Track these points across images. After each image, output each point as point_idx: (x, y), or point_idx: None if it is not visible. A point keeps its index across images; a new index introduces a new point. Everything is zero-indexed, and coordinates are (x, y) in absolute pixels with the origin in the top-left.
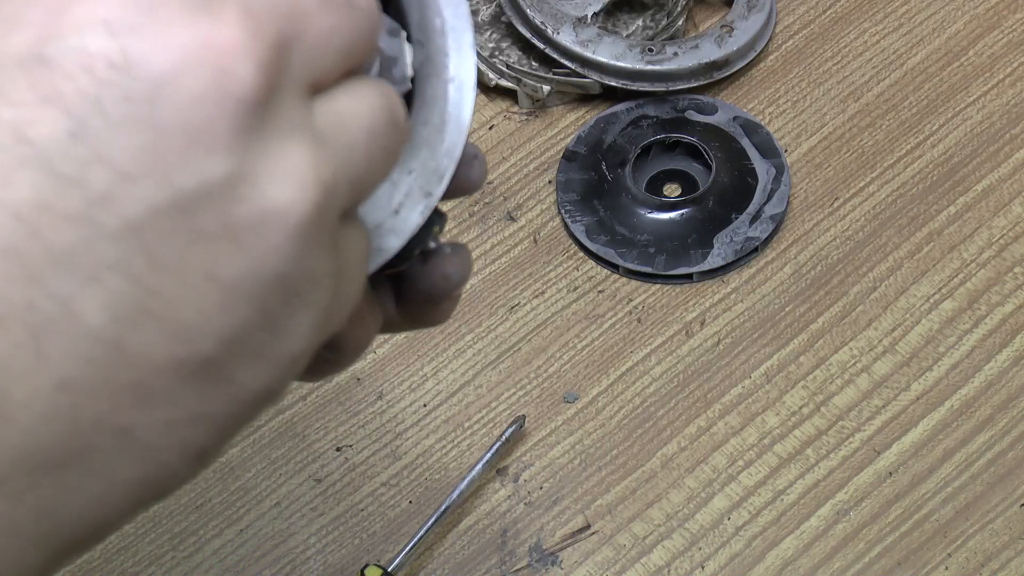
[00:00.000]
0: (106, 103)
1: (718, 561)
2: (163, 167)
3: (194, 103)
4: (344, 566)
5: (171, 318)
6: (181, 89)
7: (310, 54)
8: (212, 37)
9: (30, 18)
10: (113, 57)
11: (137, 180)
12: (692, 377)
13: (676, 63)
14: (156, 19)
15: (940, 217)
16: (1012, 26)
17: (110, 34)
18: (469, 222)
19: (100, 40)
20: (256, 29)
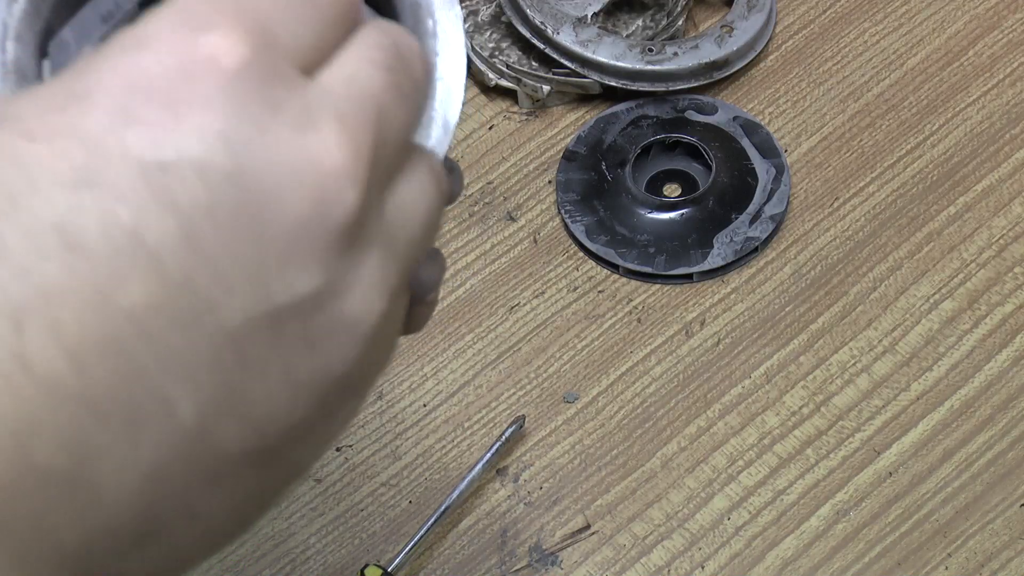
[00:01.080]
0: (218, 213)
1: (718, 561)
2: (263, 280)
3: (298, 222)
4: (344, 566)
5: (248, 414)
6: (287, 207)
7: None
8: (317, 156)
9: (149, 117)
10: (229, 168)
11: (239, 290)
12: (692, 377)
13: (676, 63)
14: (267, 132)
15: (940, 217)
16: (1012, 26)
17: (226, 145)
18: (469, 222)
19: (217, 150)
20: (354, 146)
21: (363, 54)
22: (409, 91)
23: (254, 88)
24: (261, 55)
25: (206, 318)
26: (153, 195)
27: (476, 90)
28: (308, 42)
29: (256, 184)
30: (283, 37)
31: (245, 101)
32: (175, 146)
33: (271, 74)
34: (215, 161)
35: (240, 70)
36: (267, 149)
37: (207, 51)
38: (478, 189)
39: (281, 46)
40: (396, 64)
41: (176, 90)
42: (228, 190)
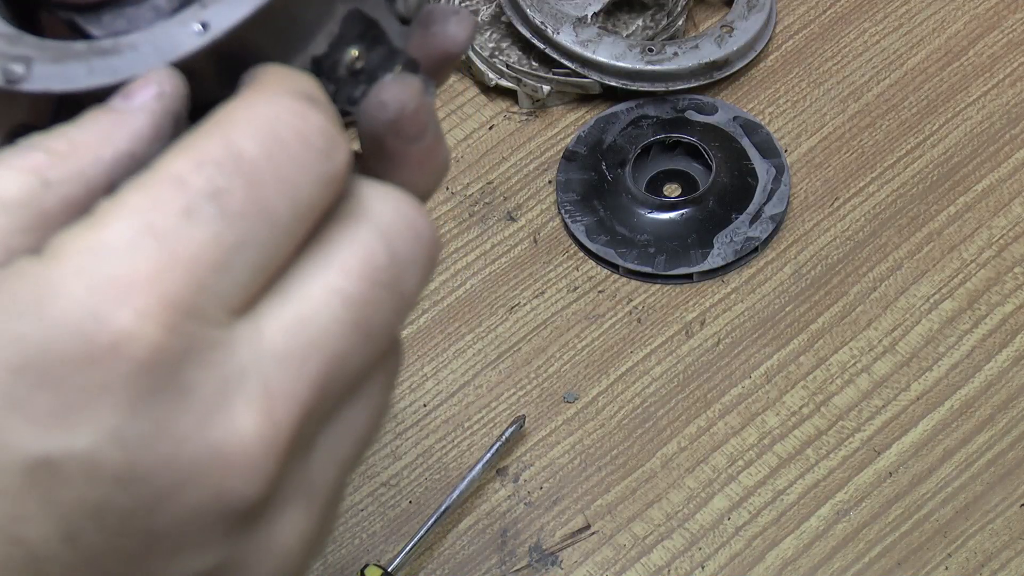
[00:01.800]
0: (104, 514)
1: (718, 561)
2: (149, 569)
3: (192, 515)
4: (344, 566)
5: None
6: (180, 503)
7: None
8: (222, 445)
9: (39, 406)
10: (120, 471)
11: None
12: (692, 377)
13: (676, 63)
14: (168, 425)
15: (940, 217)
16: (1012, 26)
17: (119, 445)
18: (469, 222)
19: (109, 450)
20: (271, 424)
21: (330, 283)
22: (386, 315)
23: (161, 377)
24: (177, 334)
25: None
26: (35, 493)
27: (476, 90)
28: (253, 276)
29: (148, 484)
30: (218, 284)
31: (149, 393)
32: (63, 442)
33: (187, 354)
34: (105, 462)
35: (148, 358)
36: (165, 445)
37: (113, 336)
38: (478, 189)
39: (213, 300)
40: (375, 292)
41: (73, 376)
42: (117, 492)
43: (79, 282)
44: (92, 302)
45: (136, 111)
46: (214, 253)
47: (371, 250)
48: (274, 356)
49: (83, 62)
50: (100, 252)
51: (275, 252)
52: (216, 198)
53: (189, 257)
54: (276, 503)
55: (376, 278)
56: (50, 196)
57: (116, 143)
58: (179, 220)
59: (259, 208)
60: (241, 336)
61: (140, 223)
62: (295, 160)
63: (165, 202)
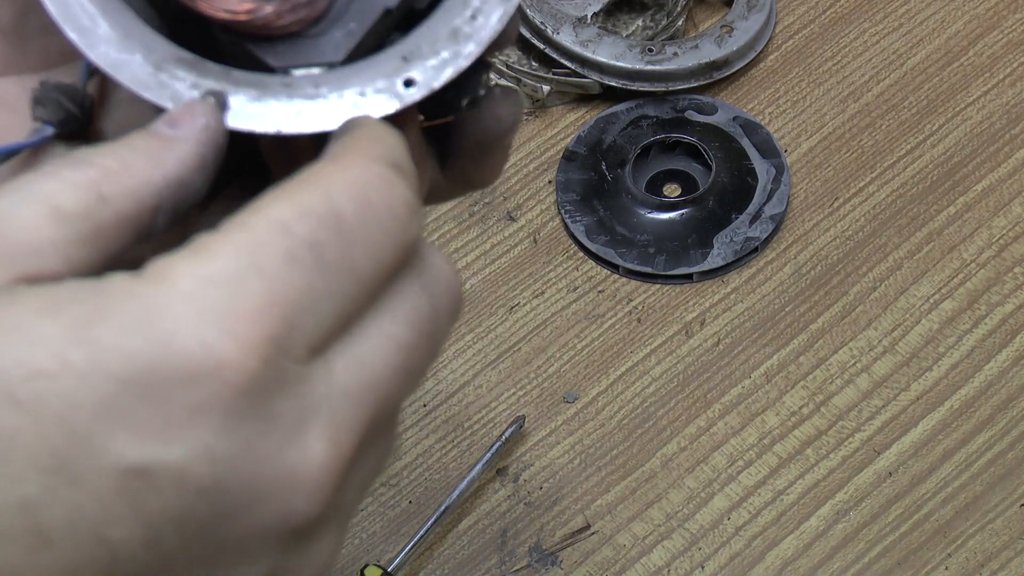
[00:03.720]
0: (185, 525)
1: (718, 561)
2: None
3: (259, 528)
4: (344, 566)
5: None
6: (251, 517)
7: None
8: (295, 468)
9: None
10: (205, 484)
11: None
12: (692, 377)
13: (676, 63)
14: (254, 448)
15: (940, 217)
16: (1012, 26)
17: (210, 461)
18: (469, 222)
19: (199, 464)
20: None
21: (386, 330)
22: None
23: (254, 403)
24: (271, 366)
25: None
26: (125, 498)
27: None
28: (332, 321)
29: (228, 498)
30: (306, 326)
31: (241, 417)
32: (159, 454)
33: (276, 384)
34: (195, 475)
35: (245, 384)
36: (249, 464)
37: (217, 362)
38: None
39: (300, 339)
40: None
41: (175, 394)
42: (201, 505)
43: (189, 308)
44: (201, 329)
45: (183, 140)
46: (307, 298)
47: (420, 304)
48: (342, 393)
49: (287, 103)
50: (209, 283)
51: (354, 303)
52: (315, 249)
53: (287, 299)
54: (322, 523)
55: (422, 328)
56: (106, 211)
57: (167, 168)
58: (283, 263)
59: (348, 264)
60: (318, 374)
61: (248, 261)
62: (382, 226)
63: (271, 244)
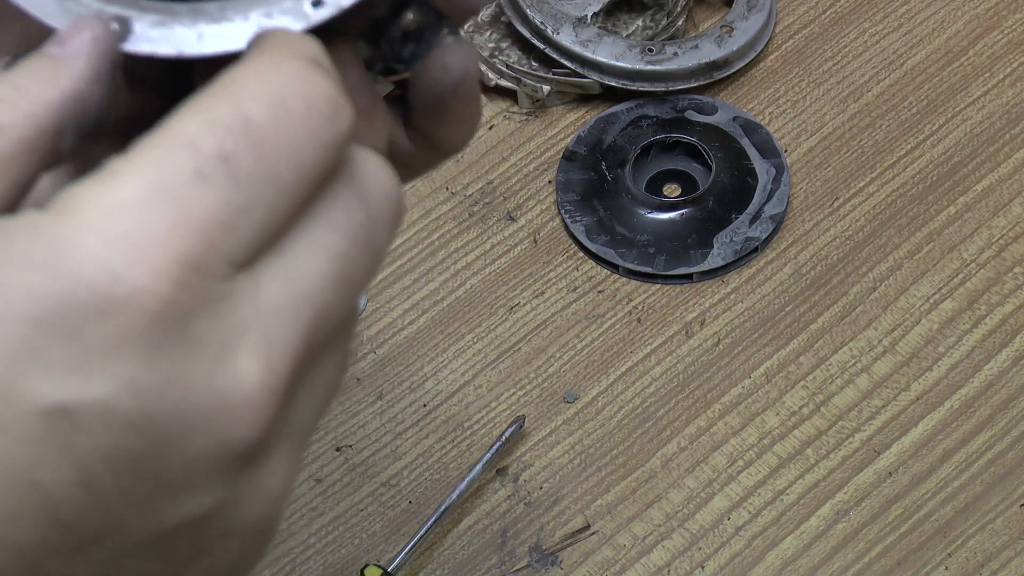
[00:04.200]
0: (117, 459)
1: (718, 561)
2: (155, 511)
3: (198, 456)
4: (344, 566)
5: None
6: (188, 447)
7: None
8: (227, 390)
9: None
10: (134, 417)
11: (130, 522)
12: (692, 377)
13: (676, 63)
14: (179, 374)
15: (940, 217)
16: (1012, 26)
17: (134, 393)
18: (469, 222)
19: (124, 398)
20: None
21: (319, 240)
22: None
23: (173, 328)
24: (187, 289)
25: (93, 549)
26: (52, 439)
27: None
28: (255, 235)
29: (160, 430)
30: (224, 243)
31: (162, 344)
32: (80, 391)
33: (196, 307)
34: (121, 409)
35: (161, 310)
36: (176, 393)
37: (128, 290)
38: (478, 189)
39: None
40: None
41: (89, 328)
42: (131, 438)
43: (96, 239)
44: (109, 258)
45: (74, 56)
46: (222, 214)
47: (354, 211)
48: (271, 308)
49: (190, 27)
50: (115, 210)
51: (278, 213)
52: (226, 161)
53: (199, 217)
54: (269, 447)
55: (357, 236)
56: (5, 139)
57: (60, 86)
58: (191, 181)
59: (266, 172)
60: (243, 290)
61: (154, 183)
62: (301, 126)
63: (177, 163)
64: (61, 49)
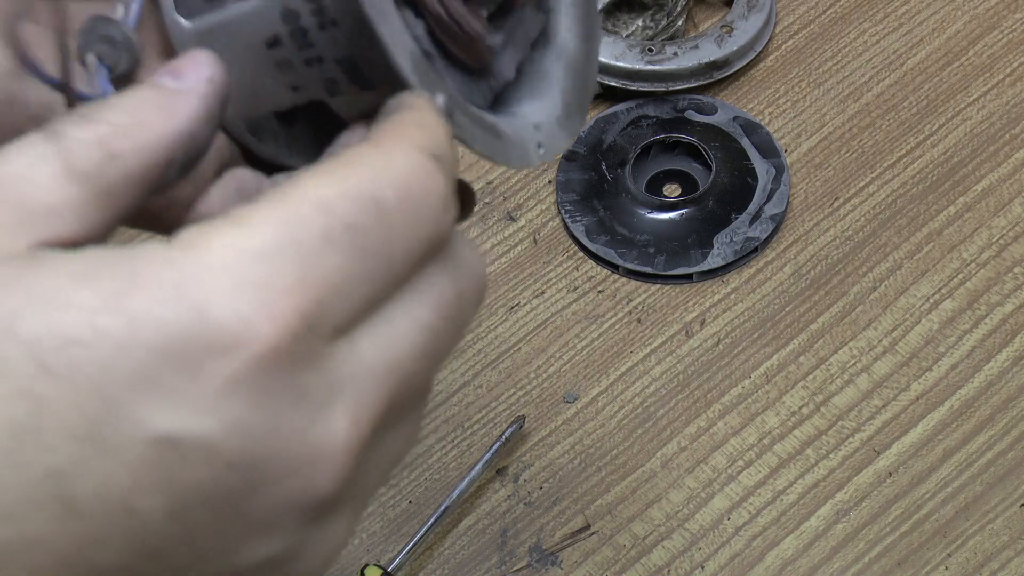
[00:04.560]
0: (212, 496)
1: (718, 561)
2: (234, 550)
3: (281, 503)
4: (344, 566)
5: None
6: (275, 491)
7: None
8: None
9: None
10: (234, 458)
11: (209, 558)
12: (692, 377)
13: (676, 63)
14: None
15: (940, 217)
16: (1012, 26)
17: (240, 434)
18: (469, 222)
19: (230, 437)
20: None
21: (413, 314)
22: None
23: (283, 378)
24: (302, 341)
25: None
26: (155, 469)
27: None
28: (362, 303)
29: (257, 474)
30: (336, 305)
31: (271, 391)
32: (190, 425)
33: (305, 361)
34: (225, 448)
35: (275, 358)
36: (277, 439)
37: (250, 333)
38: (478, 189)
39: (330, 318)
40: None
41: (208, 365)
42: (228, 477)
43: (225, 279)
44: (236, 299)
45: (189, 93)
46: (340, 279)
47: (446, 289)
48: (366, 371)
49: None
50: (246, 254)
51: (384, 287)
52: (353, 231)
53: (321, 278)
54: (340, 502)
55: (446, 313)
56: (118, 169)
57: (176, 121)
58: (320, 242)
59: (383, 249)
60: (344, 352)
61: (286, 236)
62: (419, 215)
63: (310, 222)
64: (177, 83)
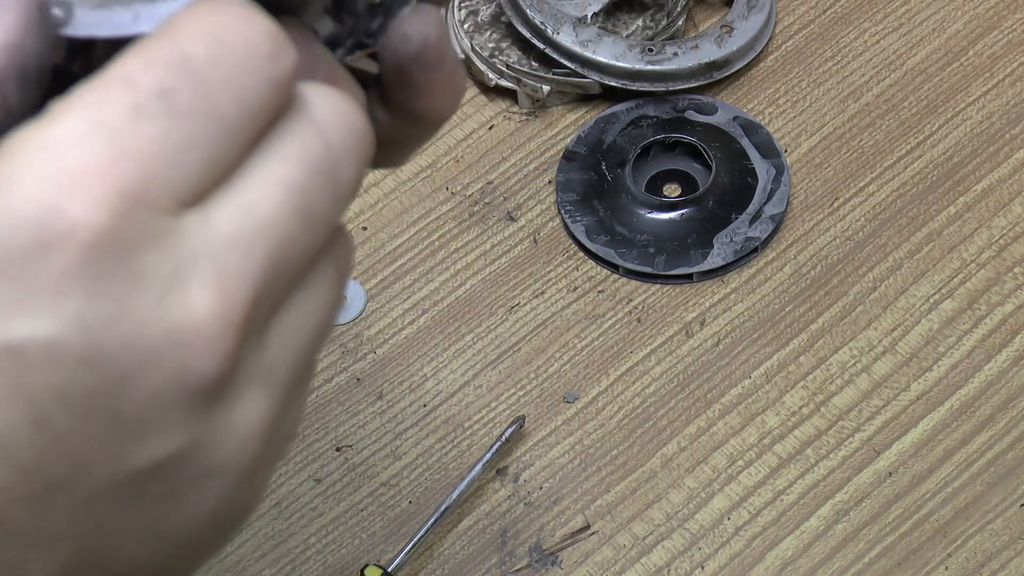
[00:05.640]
0: (70, 397)
1: (718, 561)
2: (118, 452)
3: (156, 392)
4: (344, 566)
5: (110, 568)
6: (144, 382)
7: (285, 283)
8: (179, 322)
9: (2, 296)
10: (83, 354)
11: (92, 465)
12: (692, 377)
13: (676, 63)
14: (126, 306)
15: (940, 217)
16: (1012, 26)
17: (81, 328)
18: (469, 222)
19: (71, 333)
20: (225, 302)
21: (273, 172)
22: (324, 202)
23: (116, 260)
24: (127, 220)
25: (58, 495)
26: (2, 380)
27: (476, 90)
28: (200, 169)
29: (112, 365)
30: (166, 176)
31: (105, 276)
32: (26, 328)
33: (140, 239)
34: (68, 345)
35: (100, 242)
36: (125, 326)
37: (65, 223)
38: (478, 189)
39: (161, 190)
40: (314, 179)
41: (31, 264)
42: (82, 374)
43: (33, 175)
44: (46, 192)
45: (2, 8)
46: (162, 148)
47: (309, 142)
48: (225, 241)
49: (128, 8)
50: (52, 146)
51: (223, 148)
52: (165, 97)
53: (138, 151)
54: (235, 385)
55: (314, 167)
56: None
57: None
58: (129, 116)
59: (207, 108)
60: (192, 224)
61: (91, 119)
62: (241, 63)
63: (116, 100)
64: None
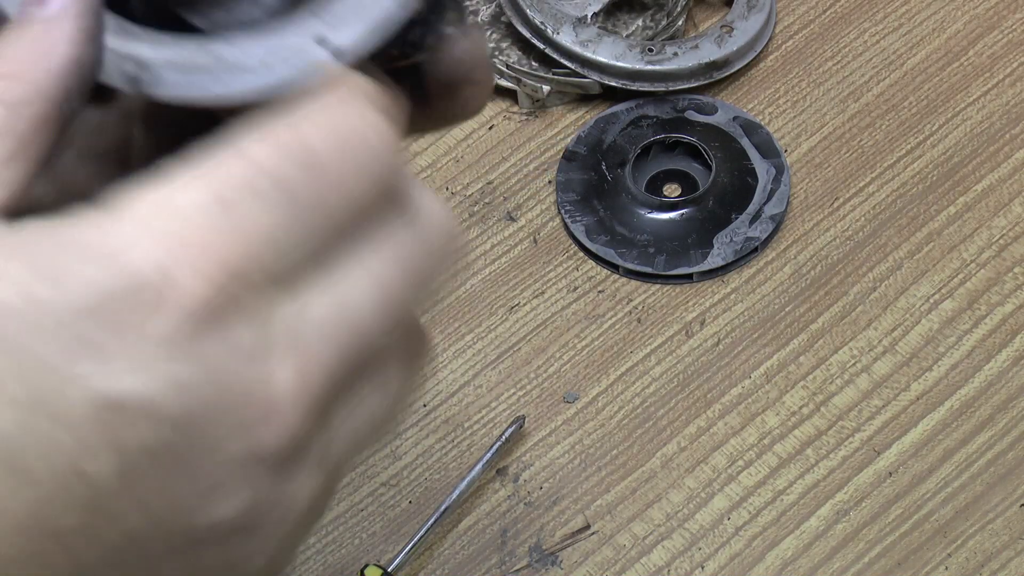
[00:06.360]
0: (159, 454)
1: (718, 561)
2: (189, 510)
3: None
4: (344, 566)
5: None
6: (223, 446)
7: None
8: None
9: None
10: (176, 414)
11: (163, 520)
12: (692, 377)
13: (676, 63)
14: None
15: (940, 217)
16: (1012, 26)
17: (179, 390)
18: (469, 222)
19: (170, 395)
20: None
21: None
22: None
23: (216, 330)
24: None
25: (127, 544)
26: (99, 430)
27: None
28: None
29: (199, 426)
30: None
31: (204, 344)
32: (130, 383)
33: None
34: (166, 405)
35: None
36: (215, 392)
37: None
38: (478, 189)
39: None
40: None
41: (139, 322)
42: (172, 433)
43: (147, 234)
44: (157, 253)
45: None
46: (270, 231)
47: (409, 245)
48: (312, 326)
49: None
50: (170, 212)
51: (326, 239)
52: (281, 185)
53: (248, 231)
54: (299, 460)
55: (406, 266)
56: (21, 120)
57: (58, 51)
58: (245, 197)
59: (318, 201)
60: (283, 305)
61: (210, 192)
62: (357, 163)
63: (236, 178)
64: (43, 11)
